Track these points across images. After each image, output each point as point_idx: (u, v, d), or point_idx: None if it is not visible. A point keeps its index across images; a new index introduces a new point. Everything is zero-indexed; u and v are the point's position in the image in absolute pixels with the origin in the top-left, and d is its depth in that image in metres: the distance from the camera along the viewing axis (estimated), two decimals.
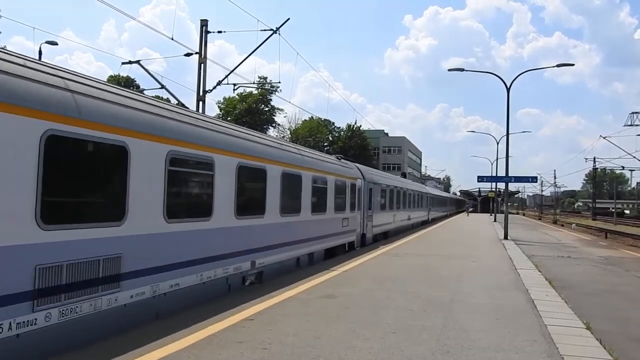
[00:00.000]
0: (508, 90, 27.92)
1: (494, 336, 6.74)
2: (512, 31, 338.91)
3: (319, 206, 14.02)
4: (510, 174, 29.21)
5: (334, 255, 15.55)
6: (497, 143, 56.74)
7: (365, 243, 19.51)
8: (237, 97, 64.11)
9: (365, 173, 20.46)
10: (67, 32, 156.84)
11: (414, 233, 28.34)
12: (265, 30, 20.47)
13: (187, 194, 8.62)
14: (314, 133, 72.76)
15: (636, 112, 54.26)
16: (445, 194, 77.06)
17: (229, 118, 58.39)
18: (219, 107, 65.26)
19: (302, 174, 12.68)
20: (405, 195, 30.23)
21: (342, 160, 18.67)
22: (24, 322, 5.15)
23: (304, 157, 13.38)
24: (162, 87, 18.51)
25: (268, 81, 56.15)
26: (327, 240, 14.97)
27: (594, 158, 72.89)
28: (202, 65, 20.42)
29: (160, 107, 7.85)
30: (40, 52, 27.05)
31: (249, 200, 10.33)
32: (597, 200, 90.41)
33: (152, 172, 7.16)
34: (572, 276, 13.66)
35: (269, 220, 10.77)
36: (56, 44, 29.59)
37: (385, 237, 24.00)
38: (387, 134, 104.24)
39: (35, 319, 5.26)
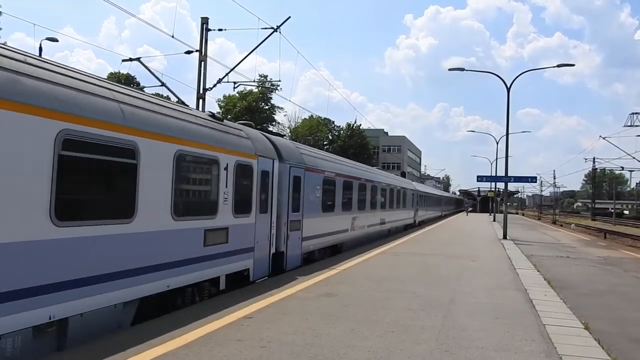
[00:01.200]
0: (508, 90, 27.96)
1: (493, 335, 6.75)
2: (512, 31, 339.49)
3: (108, 206, 6.48)
4: (509, 174, 29.34)
5: (176, 307, 7.88)
6: (497, 143, 56.84)
7: (285, 267, 11.85)
8: (237, 95, 64.24)
9: (286, 150, 12.58)
10: (67, 28, 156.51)
11: (412, 233, 28.32)
12: (266, 28, 20.43)
13: None
14: (314, 132, 72.80)
15: (636, 113, 54.52)
16: (438, 192, 64.74)
17: (229, 116, 58.34)
18: (219, 105, 65.40)
19: (20, 118, 5.11)
20: (375, 190, 22.15)
21: (227, 121, 10.74)
22: None
23: (34, 80, 5.40)
24: (163, 84, 18.42)
25: (268, 79, 56.42)
26: (143, 278, 6.91)
27: (594, 158, 72.88)
28: (203, 63, 20.39)
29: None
30: (40, 49, 27.06)
31: None
32: (596, 201, 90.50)
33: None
34: (570, 276, 13.68)
35: None
36: (57, 40, 29.51)
37: (336, 252, 16.27)
38: (387, 133, 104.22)
39: None
